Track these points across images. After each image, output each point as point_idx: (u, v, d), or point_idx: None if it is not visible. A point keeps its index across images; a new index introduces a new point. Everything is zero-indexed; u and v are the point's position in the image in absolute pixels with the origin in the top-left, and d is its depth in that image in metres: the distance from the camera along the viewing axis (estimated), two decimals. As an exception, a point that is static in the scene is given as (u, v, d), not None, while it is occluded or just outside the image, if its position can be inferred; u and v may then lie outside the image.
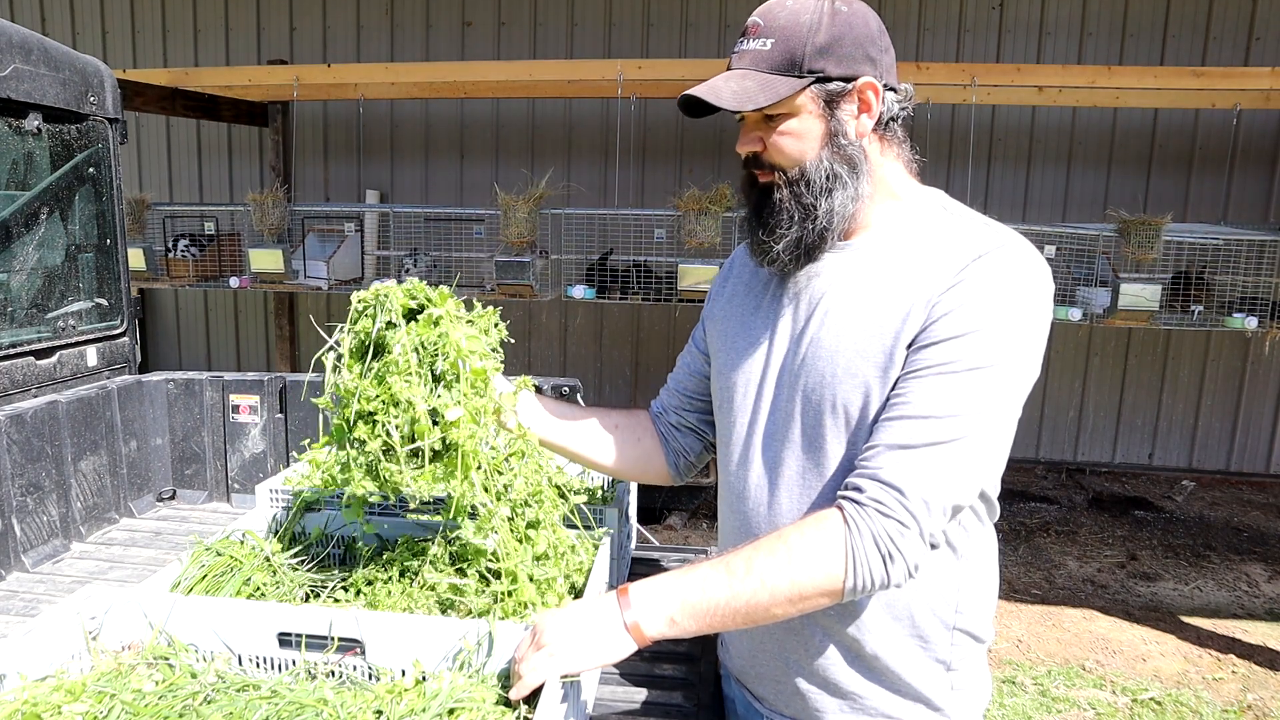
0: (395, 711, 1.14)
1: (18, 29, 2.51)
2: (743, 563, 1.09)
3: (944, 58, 5.86)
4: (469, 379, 1.31)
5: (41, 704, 1.11)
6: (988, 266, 1.13)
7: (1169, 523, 5.38)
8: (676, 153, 6.23)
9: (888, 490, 1.07)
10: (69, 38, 6.73)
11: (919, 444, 1.08)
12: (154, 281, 5.48)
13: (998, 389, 1.10)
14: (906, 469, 1.07)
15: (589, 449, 1.49)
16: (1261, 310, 4.63)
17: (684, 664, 1.62)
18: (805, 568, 1.07)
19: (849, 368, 1.17)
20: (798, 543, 1.09)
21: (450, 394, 1.30)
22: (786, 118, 1.18)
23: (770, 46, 1.16)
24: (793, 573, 1.07)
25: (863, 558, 1.07)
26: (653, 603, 1.10)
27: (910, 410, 1.10)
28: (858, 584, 1.08)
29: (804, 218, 1.20)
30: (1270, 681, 3.63)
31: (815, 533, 1.09)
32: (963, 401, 1.08)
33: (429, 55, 6.32)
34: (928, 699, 1.25)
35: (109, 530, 2.59)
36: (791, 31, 1.16)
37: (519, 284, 4.82)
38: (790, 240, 1.21)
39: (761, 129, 1.21)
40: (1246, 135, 5.66)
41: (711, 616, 1.09)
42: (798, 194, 1.20)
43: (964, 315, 1.11)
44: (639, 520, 2.29)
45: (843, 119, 1.19)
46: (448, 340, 1.30)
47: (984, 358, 1.09)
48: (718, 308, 1.43)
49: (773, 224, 1.21)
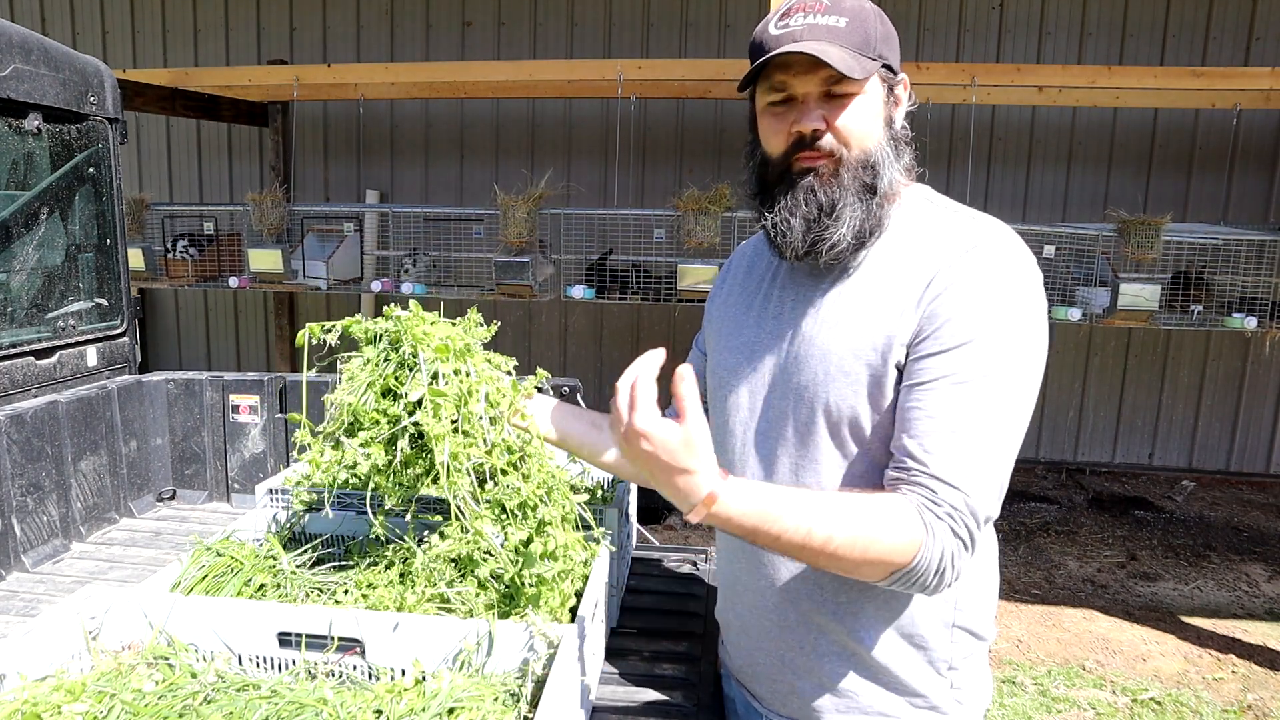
0: (395, 711, 1.14)
1: (18, 29, 2.51)
2: (829, 499, 1.09)
3: (944, 58, 5.87)
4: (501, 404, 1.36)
5: (41, 704, 1.11)
6: (981, 261, 1.13)
7: (1169, 523, 5.38)
8: (676, 153, 6.23)
9: (963, 516, 1.07)
10: (69, 38, 6.73)
11: (974, 460, 1.08)
12: (154, 281, 5.48)
13: (1021, 391, 1.11)
14: (981, 486, 1.08)
15: (597, 447, 1.48)
16: (1261, 310, 4.63)
17: (684, 664, 1.62)
18: (884, 536, 1.05)
19: (842, 367, 1.17)
20: (882, 515, 1.07)
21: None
22: (855, 97, 1.16)
23: (845, 24, 1.15)
24: (871, 533, 1.05)
25: (929, 562, 1.07)
26: (741, 488, 1.05)
27: (953, 423, 1.08)
28: (914, 580, 1.08)
29: (868, 198, 1.18)
30: (1270, 681, 3.62)
31: (896, 515, 1.07)
32: (997, 412, 1.09)
33: (429, 55, 6.32)
34: (926, 698, 1.25)
35: (109, 530, 2.59)
36: (862, 15, 1.17)
37: (519, 284, 4.82)
38: (856, 222, 1.17)
39: (824, 107, 1.17)
40: (1246, 135, 5.66)
41: (778, 521, 1.04)
42: (858, 174, 1.18)
43: (970, 320, 1.11)
44: (639, 520, 2.29)
45: (892, 107, 1.22)
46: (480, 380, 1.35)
47: (1005, 362, 1.10)
48: (714, 308, 1.44)
49: (839, 207, 1.16)
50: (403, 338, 1.35)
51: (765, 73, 1.18)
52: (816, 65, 1.12)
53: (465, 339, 1.39)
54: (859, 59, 1.14)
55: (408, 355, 1.34)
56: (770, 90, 1.19)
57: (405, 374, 1.34)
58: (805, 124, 1.16)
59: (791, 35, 1.14)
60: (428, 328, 1.37)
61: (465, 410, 1.32)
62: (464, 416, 1.32)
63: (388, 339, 1.37)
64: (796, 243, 1.19)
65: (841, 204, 1.17)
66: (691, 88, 5.42)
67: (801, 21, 1.15)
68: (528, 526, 1.39)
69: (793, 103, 1.18)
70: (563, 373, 6.55)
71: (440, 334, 1.37)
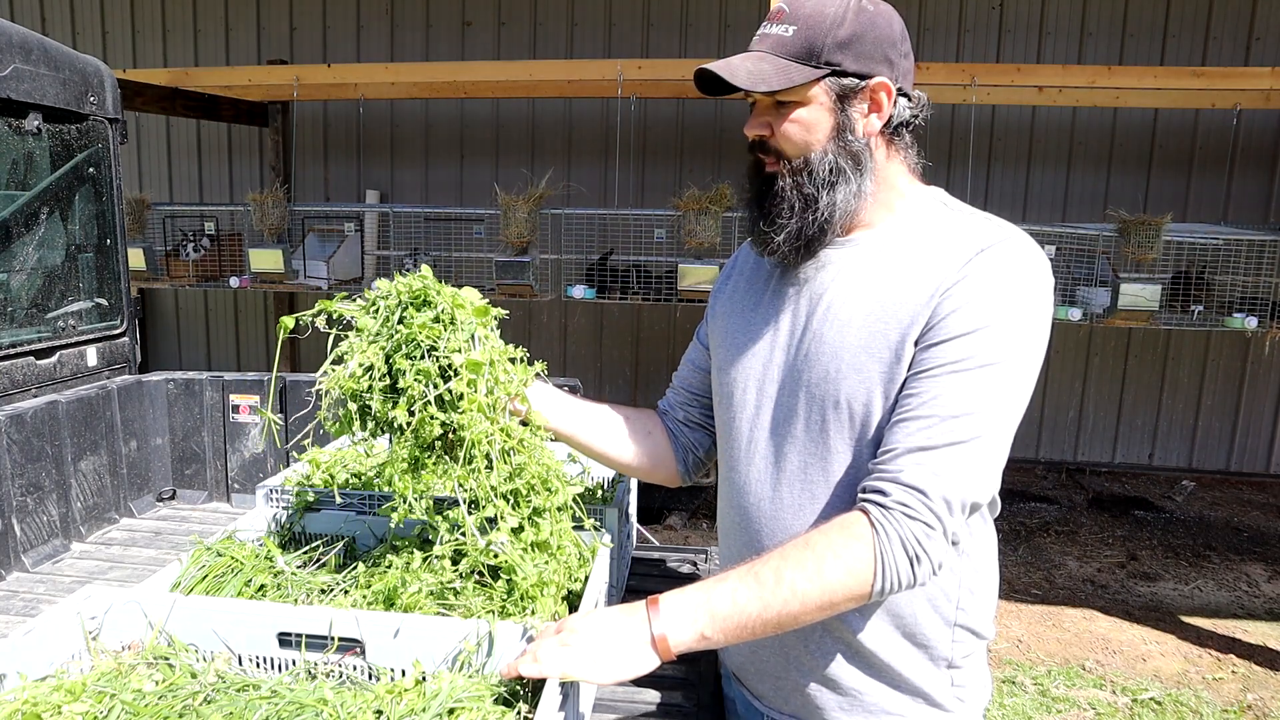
0: (395, 711, 1.14)
1: (18, 29, 2.51)
2: (771, 572, 1.08)
3: (944, 58, 5.86)
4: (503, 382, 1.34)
5: (41, 704, 1.11)
6: (991, 261, 1.13)
7: (1169, 523, 5.38)
8: (676, 153, 6.23)
9: (911, 493, 1.08)
10: (69, 38, 6.73)
11: (938, 444, 1.08)
12: (154, 281, 5.48)
13: (1009, 384, 1.11)
14: (928, 470, 1.08)
15: (599, 440, 1.48)
16: (1261, 310, 4.63)
17: (684, 664, 1.62)
18: (834, 574, 1.07)
19: (854, 364, 1.17)
20: (825, 549, 1.08)
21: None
22: (797, 106, 1.18)
23: (792, 33, 1.16)
24: (822, 580, 1.07)
25: (891, 561, 1.07)
26: (683, 615, 1.07)
27: (927, 410, 1.10)
28: (885, 587, 1.08)
29: (805, 209, 1.20)
30: (1270, 681, 3.62)
31: (842, 538, 1.09)
32: (978, 399, 1.09)
33: (429, 55, 6.32)
34: (928, 695, 1.25)
35: (109, 530, 2.59)
36: (815, 21, 1.16)
37: (519, 284, 4.83)
38: (791, 230, 1.21)
39: (772, 115, 1.21)
40: (1246, 135, 5.66)
41: (741, 629, 1.07)
42: (800, 184, 1.20)
43: (972, 311, 1.11)
44: (639, 520, 2.29)
45: (852, 115, 1.20)
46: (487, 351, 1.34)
47: (995, 354, 1.10)
48: (720, 304, 1.43)
49: (774, 213, 1.22)
50: (435, 297, 1.33)
51: None
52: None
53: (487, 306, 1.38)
54: (786, 70, 1.15)
55: (444, 312, 1.32)
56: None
57: (439, 330, 1.30)
58: (748, 130, 1.24)
59: (751, 44, 1.21)
60: (456, 290, 1.37)
61: (492, 383, 1.31)
62: (490, 392, 1.31)
63: (406, 301, 1.35)
64: (753, 238, 1.28)
65: (776, 211, 1.22)
66: (691, 88, 5.39)
67: (762, 31, 1.21)
68: (519, 515, 1.39)
69: (755, 106, 1.24)
70: (563, 373, 6.55)
71: (471, 297, 1.36)
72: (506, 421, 1.36)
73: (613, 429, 1.49)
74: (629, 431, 1.49)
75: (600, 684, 1.11)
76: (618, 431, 1.48)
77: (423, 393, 1.28)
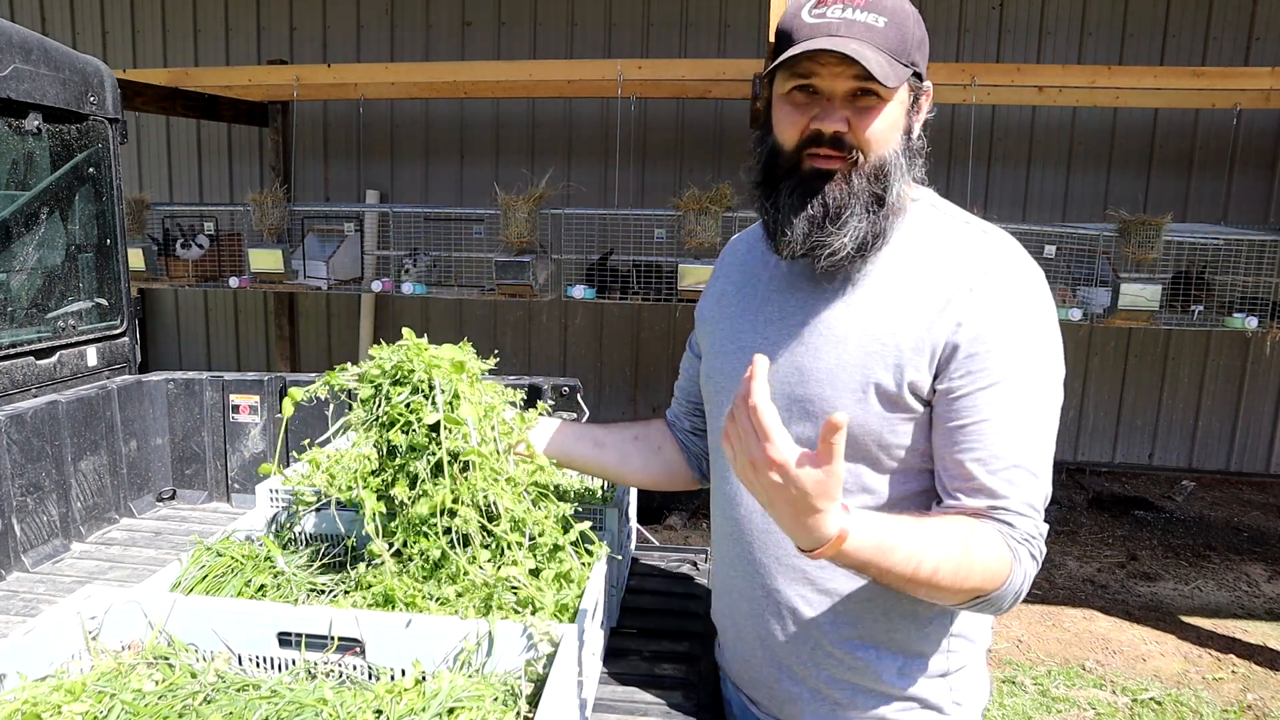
0: (395, 711, 1.14)
1: (18, 29, 2.51)
2: (933, 529, 1.07)
3: (944, 58, 5.86)
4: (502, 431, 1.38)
5: (41, 704, 1.11)
6: (999, 286, 1.13)
7: (1169, 523, 5.38)
8: (676, 153, 6.23)
9: (1037, 541, 1.14)
10: (69, 38, 6.73)
11: (1041, 487, 1.15)
12: (154, 281, 5.48)
13: (1054, 392, 1.18)
14: (1041, 509, 1.15)
15: (613, 463, 1.50)
16: (1261, 310, 4.63)
17: (684, 664, 1.62)
18: (980, 565, 1.08)
19: (849, 385, 1.16)
20: (977, 544, 1.09)
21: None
22: (883, 103, 1.11)
23: (884, 25, 1.09)
24: (969, 562, 1.07)
25: (1010, 593, 1.11)
26: (864, 522, 1.01)
27: (994, 429, 1.12)
28: (994, 604, 1.12)
29: (876, 209, 1.14)
30: (1270, 681, 3.62)
31: (988, 544, 1.10)
32: (1034, 411, 1.14)
33: (429, 55, 6.32)
34: (924, 700, 1.25)
35: (109, 530, 2.59)
36: (901, 17, 1.11)
37: (519, 284, 4.82)
38: (860, 232, 1.13)
39: (849, 108, 1.12)
40: (1246, 135, 5.66)
41: (891, 554, 1.02)
42: (869, 184, 1.13)
43: (999, 333, 1.12)
44: (639, 520, 2.29)
45: (913, 117, 1.18)
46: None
47: (1034, 367, 1.13)
48: (708, 308, 1.40)
49: (845, 214, 1.12)
50: (413, 365, 1.35)
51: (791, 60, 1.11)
52: (849, 64, 1.06)
53: (472, 361, 1.40)
54: (893, 64, 1.09)
55: (420, 381, 1.34)
56: (793, 77, 1.12)
57: (421, 402, 1.33)
58: (827, 123, 1.11)
59: (828, 27, 1.08)
60: (435, 351, 1.38)
61: (483, 431, 1.33)
62: (482, 439, 1.33)
63: (391, 373, 1.37)
64: (796, 242, 1.14)
65: (848, 212, 1.12)
66: (691, 88, 5.41)
67: (838, 15, 1.08)
68: (535, 558, 1.40)
69: (816, 96, 1.12)
70: (563, 373, 6.55)
71: (448, 355, 1.37)
72: (512, 470, 1.38)
73: (623, 451, 1.50)
74: (638, 450, 1.50)
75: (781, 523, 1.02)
76: (628, 452, 1.50)
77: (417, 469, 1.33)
